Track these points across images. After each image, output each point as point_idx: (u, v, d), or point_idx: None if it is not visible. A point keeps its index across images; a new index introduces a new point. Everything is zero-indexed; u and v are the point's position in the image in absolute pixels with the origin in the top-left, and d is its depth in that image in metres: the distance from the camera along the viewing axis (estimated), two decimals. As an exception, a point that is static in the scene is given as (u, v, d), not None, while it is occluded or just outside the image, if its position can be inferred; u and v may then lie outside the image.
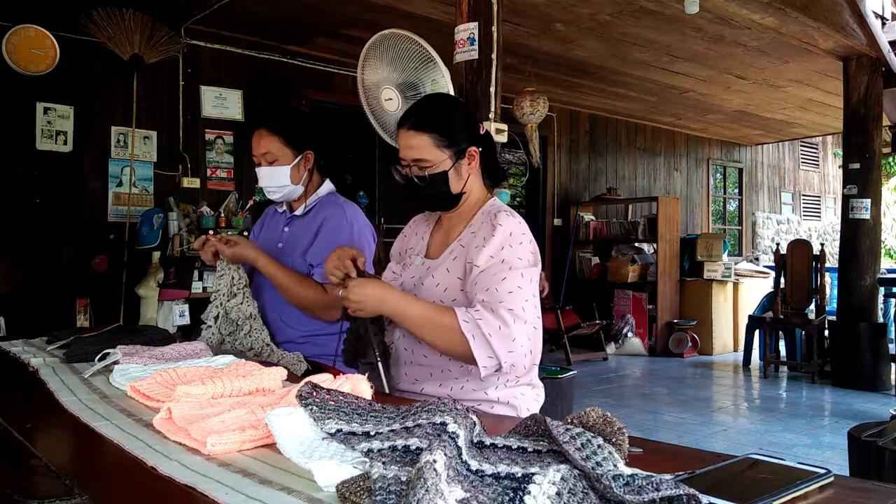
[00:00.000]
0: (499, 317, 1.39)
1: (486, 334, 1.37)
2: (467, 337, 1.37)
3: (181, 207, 4.85)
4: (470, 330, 1.38)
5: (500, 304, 1.40)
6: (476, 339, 1.37)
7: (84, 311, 4.42)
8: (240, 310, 1.92)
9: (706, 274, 7.45)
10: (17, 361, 1.61)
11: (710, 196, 9.67)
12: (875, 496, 0.78)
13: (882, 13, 6.06)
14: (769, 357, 6.31)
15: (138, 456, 0.91)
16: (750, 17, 4.72)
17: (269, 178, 1.98)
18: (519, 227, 1.50)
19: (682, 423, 4.52)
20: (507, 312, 1.39)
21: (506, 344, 1.38)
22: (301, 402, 0.97)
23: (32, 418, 1.13)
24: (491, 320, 1.38)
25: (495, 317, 1.39)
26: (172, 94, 4.97)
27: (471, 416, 0.91)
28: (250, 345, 1.90)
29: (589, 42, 5.45)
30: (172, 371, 1.27)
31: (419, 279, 1.58)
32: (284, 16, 4.85)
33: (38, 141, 4.38)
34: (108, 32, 4.34)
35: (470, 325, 1.38)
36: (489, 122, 3.16)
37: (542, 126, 6.00)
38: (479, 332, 1.37)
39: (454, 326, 1.39)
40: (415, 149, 1.53)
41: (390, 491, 0.69)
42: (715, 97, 7.32)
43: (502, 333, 1.38)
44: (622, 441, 0.82)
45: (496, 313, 1.39)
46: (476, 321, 1.38)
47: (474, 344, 1.37)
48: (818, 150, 11.56)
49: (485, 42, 3.18)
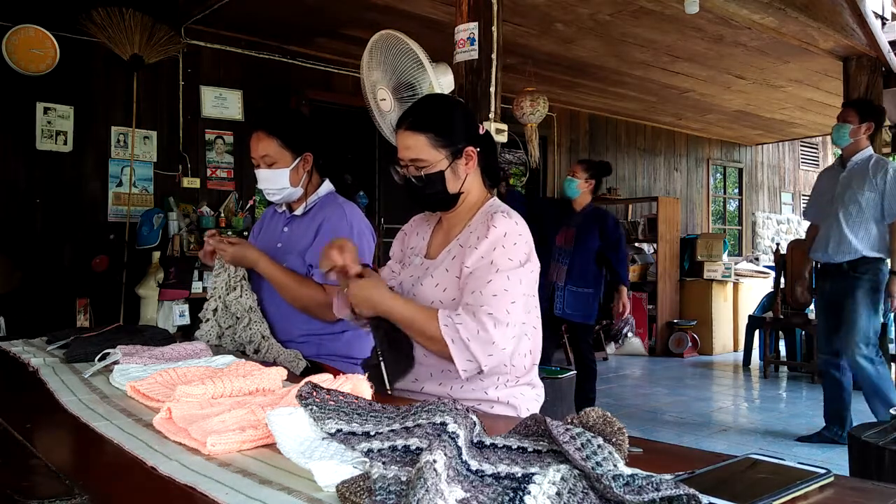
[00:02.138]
0: (478, 321, 1.40)
1: (465, 339, 1.39)
2: (447, 341, 1.40)
3: (181, 207, 4.85)
4: (449, 334, 1.40)
5: (481, 307, 1.41)
6: (455, 344, 1.39)
7: (84, 311, 4.42)
8: (239, 303, 1.93)
9: (706, 274, 7.45)
10: (17, 361, 1.61)
11: (710, 196, 9.67)
12: (875, 496, 0.78)
13: (882, 13, 6.06)
14: (769, 357, 6.31)
15: (138, 456, 0.91)
16: (750, 17, 4.71)
17: (269, 180, 1.98)
18: (515, 227, 1.50)
19: (682, 423, 4.52)
20: (487, 317, 1.40)
21: (485, 348, 1.40)
22: (301, 402, 0.97)
23: (32, 418, 1.13)
24: (470, 324, 1.40)
25: (475, 321, 1.40)
26: (172, 94, 4.97)
27: (471, 416, 0.91)
28: (249, 338, 1.91)
29: (589, 42, 5.45)
30: (172, 371, 1.28)
31: (418, 279, 1.59)
32: (284, 16, 4.85)
33: (38, 141, 4.38)
34: (108, 32, 4.34)
35: (450, 330, 1.40)
36: (489, 122, 3.16)
37: (542, 126, 5.99)
38: (457, 337, 1.40)
39: (435, 330, 1.41)
40: (412, 149, 1.53)
41: (390, 491, 0.69)
42: (715, 97, 7.32)
43: (481, 338, 1.39)
44: (622, 441, 0.82)
45: (476, 317, 1.40)
46: (456, 325, 1.40)
47: (453, 348, 1.39)
48: (818, 150, 11.56)
49: (485, 42, 3.18)
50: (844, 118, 3.79)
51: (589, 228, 4.20)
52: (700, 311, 7.34)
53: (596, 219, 4.25)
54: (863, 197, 3.70)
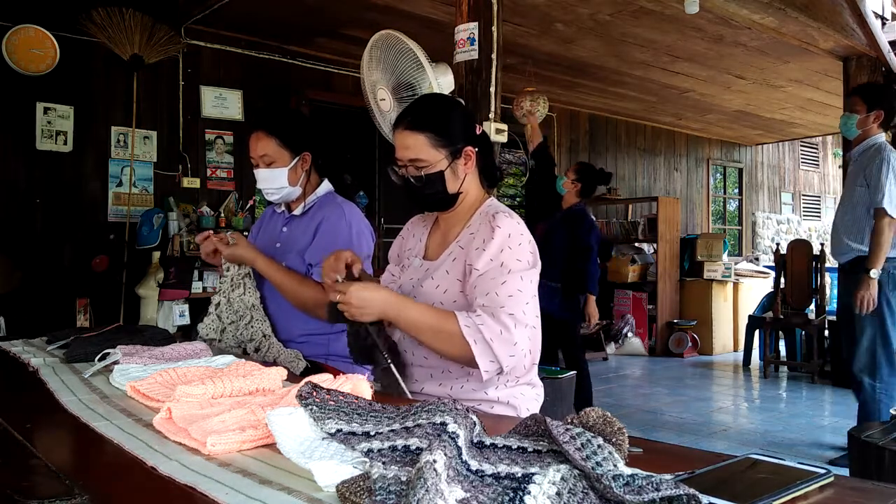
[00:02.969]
0: (500, 322, 1.39)
1: (488, 339, 1.37)
2: (469, 342, 1.38)
3: (181, 207, 4.85)
4: (472, 335, 1.38)
5: (500, 308, 1.40)
6: (478, 345, 1.38)
7: (84, 311, 4.42)
8: (242, 300, 1.95)
9: (706, 274, 7.45)
10: (17, 361, 1.61)
11: (710, 196, 9.67)
12: (875, 496, 0.78)
13: (882, 13, 6.06)
14: (769, 357, 6.31)
15: (138, 456, 0.91)
16: (750, 17, 4.71)
17: (267, 180, 1.99)
18: (517, 227, 1.50)
19: (682, 423, 4.52)
20: (508, 317, 1.39)
21: (507, 348, 1.38)
22: (301, 402, 0.97)
23: (32, 418, 1.13)
24: (492, 325, 1.38)
25: (497, 322, 1.39)
26: (172, 94, 4.97)
27: (471, 416, 0.91)
28: (250, 336, 1.92)
29: (589, 42, 5.45)
30: (172, 371, 1.28)
31: (418, 281, 1.58)
32: (284, 16, 4.85)
33: (38, 141, 4.38)
34: (108, 32, 4.34)
35: (472, 330, 1.38)
36: (489, 122, 3.16)
37: (542, 126, 5.99)
38: (480, 337, 1.38)
39: (456, 331, 1.39)
40: (411, 148, 1.53)
41: (390, 491, 0.69)
42: (715, 97, 7.32)
43: (504, 338, 1.38)
44: (622, 441, 0.82)
45: (497, 318, 1.39)
46: (478, 326, 1.38)
47: (476, 349, 1.37)
48: (818, 150, 11.56)
49: (485, 42, 3.18)
50: (851, 107, 3.53)
51: (560, 227, 4.29)
52: (700, 311, 7.34)
53: (570, 221, 4.30)
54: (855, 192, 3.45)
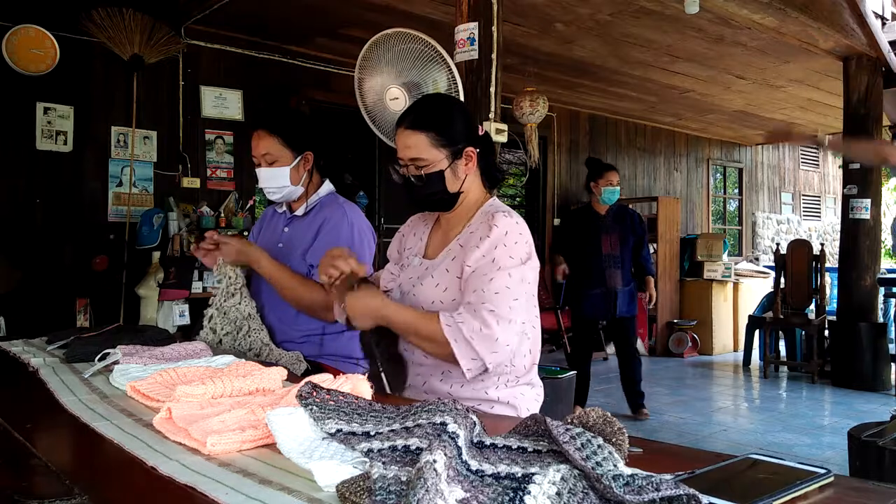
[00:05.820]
0: (480, 318, 1.40)
1: (468, 337, 1.39)
2: (449, 341, 1.39)
3: (181, 207, 4.85)
4: (452, 334, 1.40)
5: (482, 305, 1.41)
6: (458, 343, 1.39)
7: (84, 311, 4.42)
8: (238, 310, 1.92)
9: (706, 274, 7.45)
10: (17, 361, 1.61)
11: (710, 196, 9.67)
12: (875, 496, 0.78)
13: (882, 13, 6.06)
14: (769, 357, 6.31)
15: (138, 456, 0.91)
16: (750, 17, 4.72)
17: (269, 179, 1.98)
18: (515, 226, 1.49)
19: (682, 423, 4.52)
20: (489, 314, 1.40)
21: (488, 345, 1.39)
22: (301, 402, 0.97)
23: (32, 418, 1.13)
24: (472, 322, 1.40)
25: (476, 318, 1.40)
26: (172, 94, 4.97)
27: (471, 416, 0.91)
28: (249, 345, 1.90)
29: (589, 42, 5.45)
30: (172, 371, 1.27)
31: (418, 279, 1.58)
32: (284, 16, 4.85)
33: (38, 141, 4.38)
34: (108, 32, 4.34)
35: (452, 330, 1.40)
36: (489, 122, 3.15)
37: (542, 126, 6.00)
38: (460, 336, 1.39)
39: (437, 332, 1.41)
40: (412, 148, 1.53)
41: (390, 491, 0.69)
42: (715, 97, 7.32)
43: (483, 335, 1.39)
44: (622, 441, 0.82)
45: (478, 315, 1.40)
46: (458, 325, 1.40)
47: (456, 347, 1.39)
48: (818, 149, 11.55)
49: (485, 42, 3.18)
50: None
51: (622, 228, 4.54)
52: (700, 311, 7.34)
53: (622, 217, 4.59)
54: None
